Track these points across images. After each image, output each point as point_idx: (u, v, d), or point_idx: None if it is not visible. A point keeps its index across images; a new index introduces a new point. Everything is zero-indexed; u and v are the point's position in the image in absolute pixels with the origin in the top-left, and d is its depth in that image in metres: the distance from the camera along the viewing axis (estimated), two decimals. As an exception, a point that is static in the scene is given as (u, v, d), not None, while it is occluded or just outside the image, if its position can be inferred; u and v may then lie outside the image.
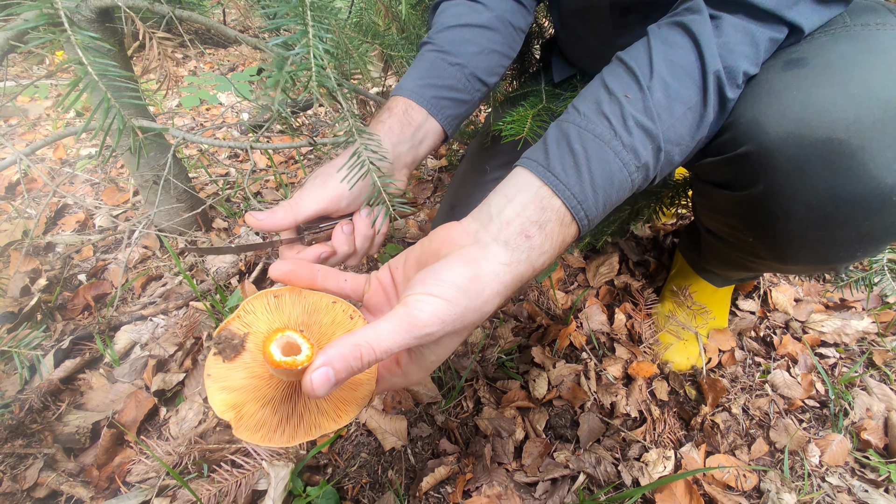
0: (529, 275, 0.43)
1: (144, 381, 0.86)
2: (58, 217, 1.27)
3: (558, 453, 0.78)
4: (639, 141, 0.45)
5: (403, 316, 0.35)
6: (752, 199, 0.53)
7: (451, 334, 0.38)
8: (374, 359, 0.33)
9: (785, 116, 0.46)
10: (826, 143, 0.44)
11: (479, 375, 0.89)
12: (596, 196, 0.44)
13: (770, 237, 0.56)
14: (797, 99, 0.45)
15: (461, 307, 0.37)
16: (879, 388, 0.89)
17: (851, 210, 0.47)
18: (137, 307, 1.00)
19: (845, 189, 0.45)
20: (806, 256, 0.55)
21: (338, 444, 0.79)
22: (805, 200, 0.48)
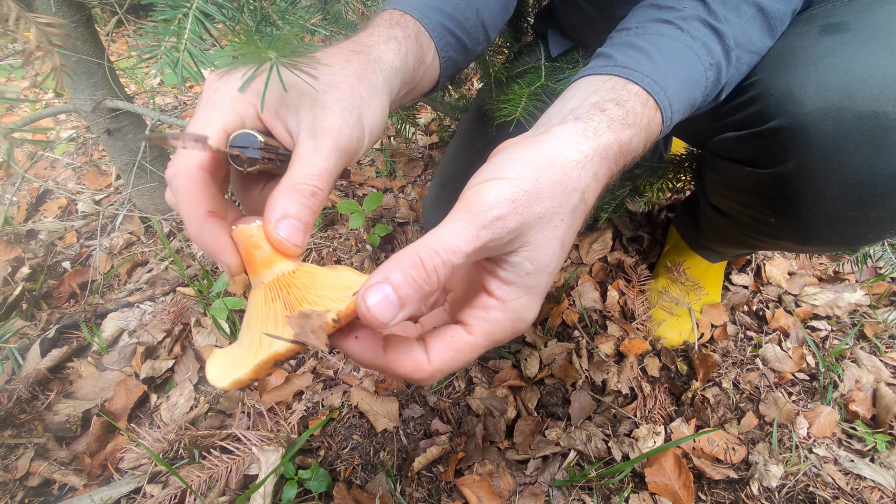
0: (617, 150, 0.35)
1: (133, 368, 0.86)
2: (39, 203, 1.24)
3: (550, 431, 0.79)
4: (707, 38, 0.41)
5: (463, 208, 0.29)
6: (779, 178, 0.49)
7: (537, 223, 0.30)
8: (441, 263, 0.26)
9: (825, 87, 0.42)
10: (870, 118, 0.40)
11: (470, 356, 0.88)
12: (677, 83, 0.40)
13: (796, 218, 0.52)
14: (839, 68, 0.42)
15: (530, 180, 0.30)
16: (869, 360, 0.89)
17: (891, 190, 0.43)
18: (124, 294, 0.98)
19: (887, 167, 0.42)
20: (831, 238, 0.52)
21: (330, 427, 0.79)
22: (840, 179, 0.45)
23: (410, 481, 0.73)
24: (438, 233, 0.27)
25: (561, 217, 0.31)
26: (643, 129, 0.37)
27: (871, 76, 0.40)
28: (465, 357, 0.31)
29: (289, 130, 0.35)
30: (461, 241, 0.27)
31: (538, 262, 0.31)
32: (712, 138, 0.58)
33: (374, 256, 1.04)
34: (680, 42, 0.41)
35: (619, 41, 0.44)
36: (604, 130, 0.34)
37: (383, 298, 0.25)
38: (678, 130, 0.81)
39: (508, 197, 0.29)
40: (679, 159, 0.81)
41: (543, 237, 0.31)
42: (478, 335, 0.31)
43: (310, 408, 0.81)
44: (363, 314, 0.25)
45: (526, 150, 0.32)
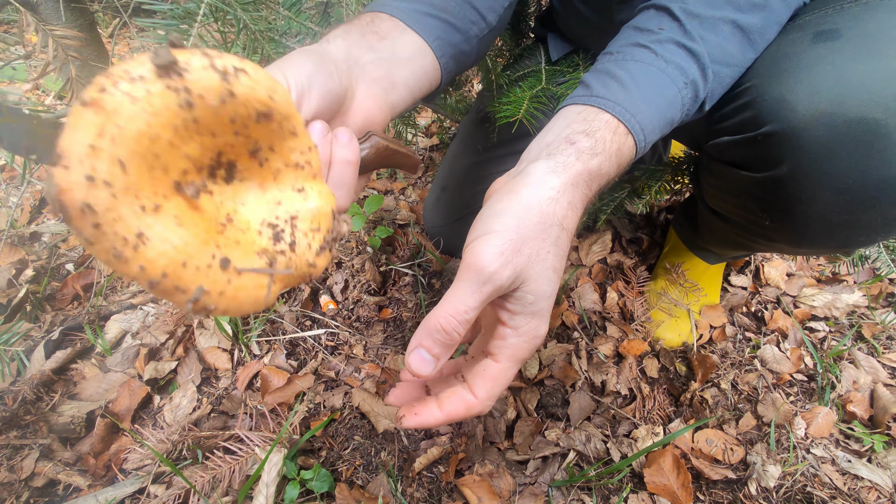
0: (587, 177, 0.39)
1: (137, 369, 0.87)
2: (42, 205, 1.25)
3: (549, 432, 0.80)
4: (681, 59, 0.44)
5: (465, 269, 0.35)
6: (773, 181, 0.50)
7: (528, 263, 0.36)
8: (457, 324, 0.35)
9: (817, 94, 0.43)
10: (860, 124, 0.41)
11: (470, 357, 0.89)
12: (649, 108, 0.42)
13: (789, 221, 0.53)
14: (830, 74, 0.42)
15: (513, 229, 0.35)
16: (867, 361, 0.90)
17: (882, 195, 0.44)
18: (127, 296, 0.99)
19: (878, 172, 0.43)
20: (824, 241, 0.53)
21: (331, 428, 0.79)
22: (832, 184, 0.45)
23: (411, 481, 0.74)
24: (451, 298, 0.35)
25: (547, 250, 0.37)
26: (612, 154, 0.41)
27: (861, 83, 0.41)
28: (503, 380, 0.38)
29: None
30: (470, 301, 0.35)
31: (537, 292, 0.37)
32: (708, 142, 0.58)
33: (374, 258, 1.05)
34: (653, 67, 0.44)
35: (600, 68, 0.47)
36: (572, 163, 0.39)
37: (421, 359, 0.35)
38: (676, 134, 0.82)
39: (498, 251, 0.35)
40: (677, 161, 0.82)
41: (536, 272, 0.36)
42: (504, 360, 0.38)
43: (311, 409, 0.82)
44: (407, 369, 0.35)
45: (506, 199, 0.38)
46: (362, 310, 0.97)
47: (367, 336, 0.93)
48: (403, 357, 0.35)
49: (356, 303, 0.98)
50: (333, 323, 0.94)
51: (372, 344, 0.92)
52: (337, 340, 0.93)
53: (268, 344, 0.91)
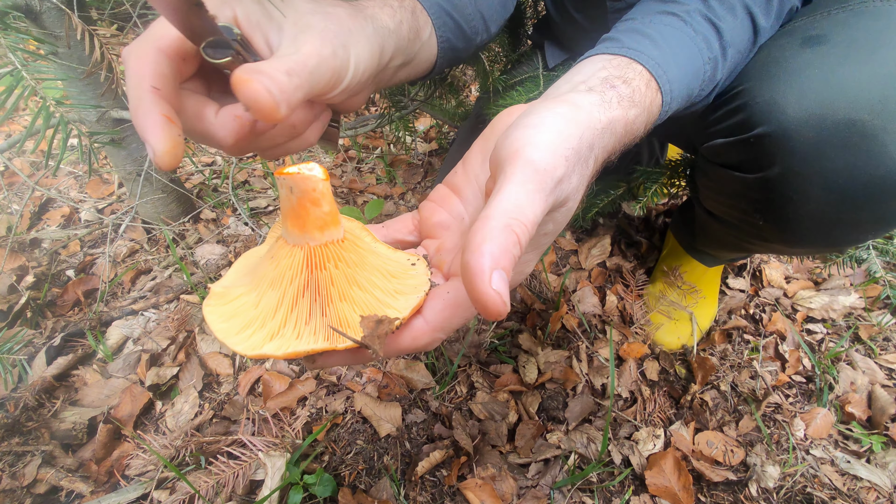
0: (622, 127, 0.35)
1: (138, 375, 0.87)
2: (42, 211, 1.25)
3: (550, 435, 0.80)
4: (708, 33, 0.43)
5: (524, 167, 0.27)
6: (766, 182, 0.52)
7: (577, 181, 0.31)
8: (528, 237, 0.26)
9: (805, 97, 0.44)
10: (848, 125, 0.43)
11: (472, 361, 0.90)
12: (678, 70, 0.41)
13: (782, 220, 0.54)
14: (818, 78, 0.44)
15: (574, 136, 0.30)
16: (864, 362, 0.90)
17: (870, 193, 0.46)
18: (128, 302, 0.99)
19: (866, 172, 0.44)
20: (817, 239, 0.54)
21: (333, 432, 0.80)
22: (823, 183, 0.47)
23: (414, 485, 0.74)
24: (519, 203, 0.26)
25: (584, 182, 0.32)
26: (646, 109, 0.38)
27: (848, 86, 0.42)
28: (464, 316, 0.30)
29: (269, 43, 0.34)
30: (538, 210, 0.27)
31: (560, 223, 0.32)
32: (703, 144, 0.59)
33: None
34: (683, 33, 0.43)
35: (625, 28, 0.45)
36: (615, 105, 0.35)
37: (504, 284, 0.24)
38: (673, 136, 0.83)
39: (562, 154, 0.29)
40: (674, 164, 0.83)
41: (574, 200, 0.31)
42: None
43: (313, 413, 0.82)
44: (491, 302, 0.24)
45: (562, 105, 0.32)
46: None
47: (369, 340, 0.94)
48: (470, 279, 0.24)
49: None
50: (335, 327, 0.94)
51: (373, 348, 0.92)
52: (338, 345, 0.93)
53: (269, 349, 0.91)
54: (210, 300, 0.31)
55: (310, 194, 0.27)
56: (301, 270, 0.29)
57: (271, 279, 0.29)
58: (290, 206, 0.28)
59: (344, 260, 0.29)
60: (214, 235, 1.14)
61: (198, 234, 1.15)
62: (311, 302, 0.29)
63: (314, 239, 0.29)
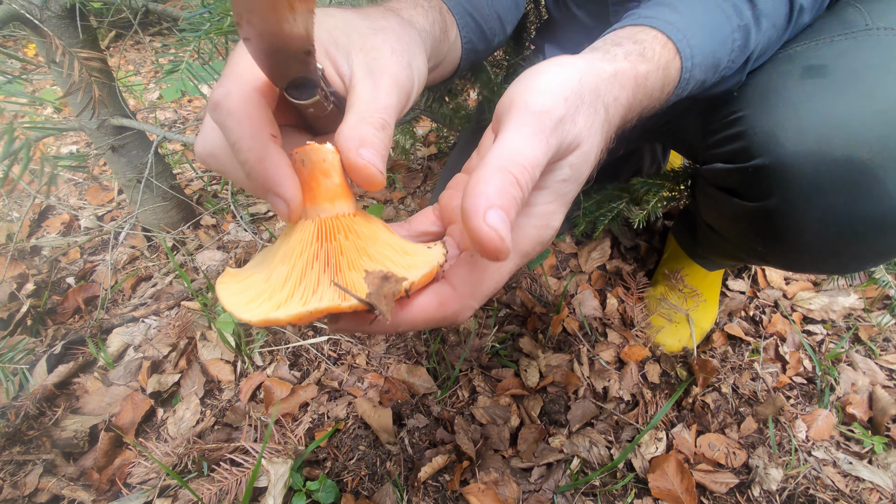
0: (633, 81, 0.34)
1: (140, 382, 0.86)
2: (42, 219, 1.25)
3: (553, 438, 0.80)
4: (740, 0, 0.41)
5: (521, 112, 0.27)
6: (764, 211, 0.51)
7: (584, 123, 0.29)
8: (529, 179, 0.25)
9: (804, 131, 0.43)
10: (846, 163, 0.42)
11: (473, 365, 0.90)
12: (701, 34, 0.39)
13: (780, 248, 0.54)
14: (818, 112, 0.43)
15: (574, 80, 0.29)
16: (865, 363, 0.91)
17: (868, 229, 0.45)
18: (128, 309, 0.99)
19: (863, 209, 0.44)
20: (815, 267, 0.54)
21: (336, 438, 0.80)
22: (821, 217, 0.46)
23: (417, 491, 0.74)
24: (517, 146, 0.26)
25: (597, 129, 0.30)
26: (661, 67, 0.36)
27: (847, 123, 0.42)
28: (494, 277, 0.29)
29: (339, 72, 0.32)
30: (538, 153, 0.26)
31: (578, 169, 0.30)
32: (704, 164, 0.59)
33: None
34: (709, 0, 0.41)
35: (645, 4, 0.44)
36: (621, 59, 0.34)
37: (502, 221, 0.24)
38: (675, 142, 0.83)
39: (562, 95, 0.28)
40: (675, 174, 0.83)
41: (589, 144, 0.29)
42: None
43: (315, 419, 0.82)
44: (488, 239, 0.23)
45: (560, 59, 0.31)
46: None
47: (370, 346, 0.94)
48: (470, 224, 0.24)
49: (358, 312, 0.99)
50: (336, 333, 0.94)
51: (374, 353, 0.92)
52: (340, 350, 0.93)
53: (270, 355, 0.91)
54: (223, 278, 0.31)
55: (320, 165, 0.28)
56: (311, 243, 0.28)
57: (282, 254, 0.29)
58: (302, 180, 0.28)
59: (355, 232, 0.28)
60: (215, 241, 1.14)
61: (198, 240, 1.15)
62: (319, 272, 0.28)
63: (325, 210, 0.28)
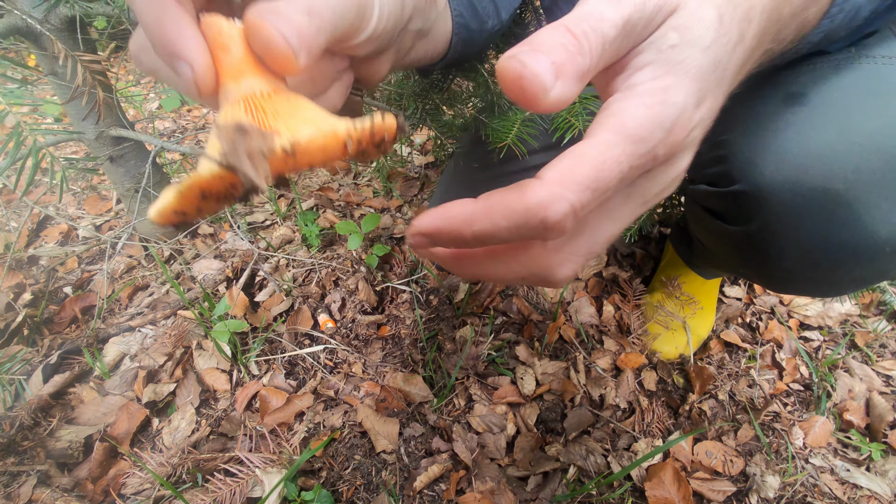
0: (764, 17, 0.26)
1: (135, 392, 0.86)
2: (40, 228, 1.25)
3: (549, 447, 0.80)
4: None
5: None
6: (746, 235, 0.52)
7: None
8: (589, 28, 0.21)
9: (782, 160, 0.44)
10: (822, 193, 0.43)
11: (469, 373, 0.89)
12: None
13: (763, 271, 0.55)
14: (795, 142, 0.43)
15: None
16: (861, 370, 0.91)
17: (845, 257, 0.46)
18: (125, 318, 0.99)
19: (840, 238, 0.44)
20: (797, 291, 0.55)
21: (331, 447, 0.79)
22: (799, 244, 0.47)
23: (412, 500, 0.74)
24: (576, 8, 0.22)
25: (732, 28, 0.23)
26: None
27: (822, 154, 0.42)
28: (594, 159, 0.20)
29: None
30: (606, 8, 0.22)
31: (687, 30, 0.22)
32: (692, 183, 0.60)
33: (368, 277, 1.06)
34: None
35: None
36: None
37: (539, 61, 0.20)
38: None
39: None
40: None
41: (700, 6, 0.23)
42: (602, 132, 0.21)
43: (311, 429, 0.82)
44: (519, 76, 0.20)
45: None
46: (360, 328, 0.98)
47: (366, 354, 0.94)
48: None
49: (354, 321, 0.99)
50: (332, 341, 0.94)
51: (371, 362, 0.92)
52: (336, 359, 0.93)
53: (266, 364, 0.91)
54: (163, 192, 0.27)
55: (217, 39, 0.23)
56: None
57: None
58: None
59: (265, 110, 0.23)
60: (212, 251, 1.14)
61: (195, 249, 1.15)
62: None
63: (230, 93, 0.23)
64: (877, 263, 0.46)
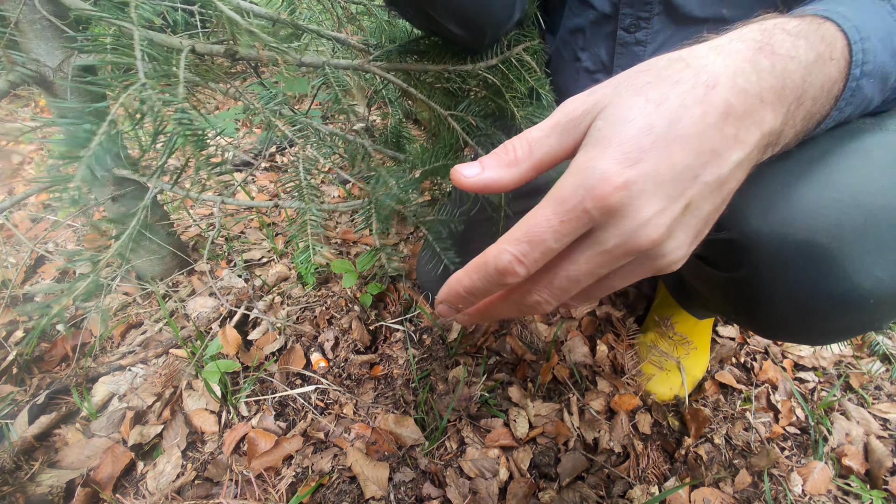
0: (770, 75, 0.29)
1: (122, 434, 0.85)
2: (38, 265, 1.26)
3: (543, 493, 0.78)
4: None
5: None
6: (734, 282, 0.53)
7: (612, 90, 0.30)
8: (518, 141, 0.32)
9: (769, 211, 0.45)
10: (808, 245, 0.44)
11: (462, 415, 0.88)
12: (877, 28, 0.35)
13: (752, 318, 0.56)
14: (781, 195, 0.45)
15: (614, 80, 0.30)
16: (858, 412, 0.90)
17: (832, 308, 0.47)
18: (116, 357, 0.98)
19: (825, 288, 0.45)
20: (789, 338, 0.56)
21: (319, 494, 0.77)
22: (787, 293, 0.48)
23: (401, 551, 0.71)
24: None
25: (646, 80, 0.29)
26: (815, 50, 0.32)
27: (806, 207, 0.44)
28: (529, 219, 0.28)
29: None
30: (540, 124, 0.31)
31: (612, 115, 0.28)
32: None
33: (362, 316, 1.06)
34: (876, 4, 0.39)
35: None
36: (749, 48, 0.29)
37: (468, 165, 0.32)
38: None
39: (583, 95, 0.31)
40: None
41: (620, 99, 0.28)
42: (541, 202, 0.28)
43: (299, 473, 0.80)
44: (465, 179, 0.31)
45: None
46: (353, 367, 0.97)
47: (358, 395, 0.93)
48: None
49: (346, 360, 0.98)
50: (324, 381, 0.94)
51: (362, 402, 0.91)
52: (327, 399, 0.92)
53: (256, 404, 0.90)
54: None
55: None
56: None
57: None
58: None
59: None
60: (207, 288, 1.15)
61: (191, 286, 1.16)
62: None
63: None
64: (862, 314, 0.46)
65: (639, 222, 0.26)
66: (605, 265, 0.28)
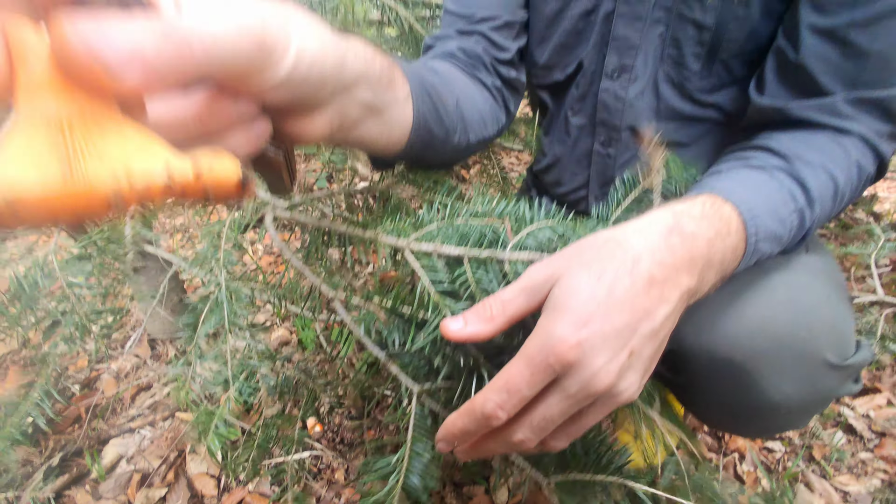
0: (681, 248, 0.37)
1: (128, 496, 0.90)
2: (55, 326, 1.35)
3: (520, 562, 0.82)
4: (793, 188, 0.48)
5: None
6: (679, 384, 0.62)
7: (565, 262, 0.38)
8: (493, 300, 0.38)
9: (698, 331, 0.54)
10: (729, 363, 0.52)
11: (446, 481, 0.94)
12: (761, 205, 0.44)
13: (697, 414, 0.66)
14: (707, 320, 0.53)
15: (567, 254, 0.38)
16: (820, 484, 0.95)
17: (752, 413, 0.56)
18: (125, 419, 1.05)
19: (745, 399, 0.55)
20: (728, 431, 0.66)
21: (310, 559, 0.82)
22: (717, 399, 0.58)
23: None
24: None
25: (592, 257, 0.36)
26: (719, 233, 0.40)
27: (727, 332, 0.52)
28: (503, 373, 0.35)
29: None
30: (510, 287, 0.38)
31: (565, 286, 0.35)
32: None
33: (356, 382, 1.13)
34: (768, 184, 0.47)
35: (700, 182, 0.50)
36: (670, 229, 0.38)
37: (453, 320, 0.38)
38: None
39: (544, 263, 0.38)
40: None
41: (571, 271, 0.36)
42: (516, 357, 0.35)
43: (292, 538, 0.85)
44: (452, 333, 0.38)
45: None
46: (346, 432, 1.03)
47: (350, 459, 0.99)
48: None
49: (340, 426, 1.05)
50: (318, 446, 1.00)
51: (354, 467, 0.97)
52: (320, 464, 0.98)
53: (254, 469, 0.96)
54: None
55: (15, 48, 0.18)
56: None
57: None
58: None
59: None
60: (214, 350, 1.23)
61: (199, 349, 1.24)
62: None
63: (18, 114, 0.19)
64: (779, 419, 0.57)
65: (593, 371, 0.33)
66: (573, 406, 0.35)
